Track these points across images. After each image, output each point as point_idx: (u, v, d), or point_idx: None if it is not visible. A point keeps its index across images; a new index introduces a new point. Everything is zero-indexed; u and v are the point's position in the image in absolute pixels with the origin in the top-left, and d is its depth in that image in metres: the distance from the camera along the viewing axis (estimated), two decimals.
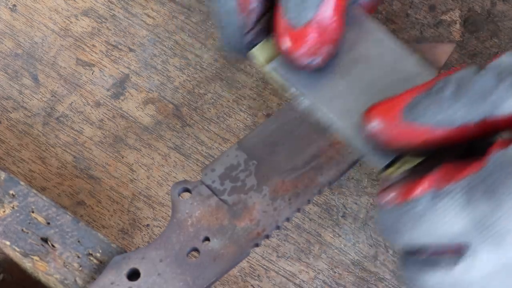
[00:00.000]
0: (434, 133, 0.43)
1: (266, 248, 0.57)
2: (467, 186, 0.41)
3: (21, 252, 0.52)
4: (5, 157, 0.60)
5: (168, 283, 0.50)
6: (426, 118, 0.43)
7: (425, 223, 0.42)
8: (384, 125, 0.44)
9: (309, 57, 0.48)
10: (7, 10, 0.64)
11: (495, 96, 0.42)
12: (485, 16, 0.62)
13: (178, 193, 0.52)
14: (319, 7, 0.48)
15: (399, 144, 0.44)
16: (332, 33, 0.48)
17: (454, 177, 0.42)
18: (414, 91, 0.44)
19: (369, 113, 0.45)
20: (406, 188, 0.43)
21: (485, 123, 0.42)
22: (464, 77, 0.43)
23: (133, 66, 0.62)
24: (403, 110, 0.44)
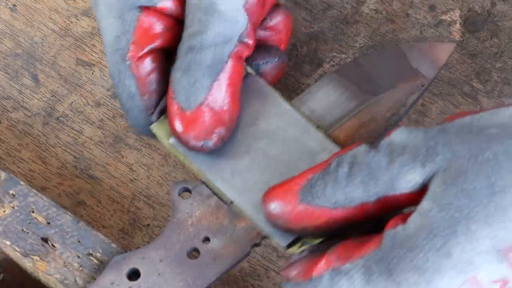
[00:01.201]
0: (332, 214, 0.43)
1: (266, 248, 0.57)
2: (365, 265, 0.41)
3: (21, 252, 0.52)
4: (5, 157, 0.60)
5: (168, 283, 0.50)
6: (322, 199, 0.43)
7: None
8: (282, 208, 0.44)
9: (202, 141, 0.48)
10: (7, 10, 0.64)
11: (388, 176, 0.41)
12: (485, 16, 0.62)
13: (178, 193, 0.52)
14: (210, 90, 0.47)
15: (298, 226, 0.44)
16: (225, 115, 0.48)
17: (352, 256, 0.41)
18: (309, 172, 0.44)
19: (267, 195, 0.45)
20: (308, 265, 0.43)
21: (382, 202, 0.42)
22: (357, 156, 0.43)
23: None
24: (300, 193, 0.43)
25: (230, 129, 0.49)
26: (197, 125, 0.48)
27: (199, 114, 0.48)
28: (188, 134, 0.48)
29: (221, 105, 0.48)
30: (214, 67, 0.48)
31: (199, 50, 0.48)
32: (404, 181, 0.41)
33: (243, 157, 0.49)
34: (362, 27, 0.62)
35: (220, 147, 0.49)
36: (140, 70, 0.49)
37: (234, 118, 0.49)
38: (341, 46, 0.62)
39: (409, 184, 0.41)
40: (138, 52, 0.49)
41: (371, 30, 0.62)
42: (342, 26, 0.62)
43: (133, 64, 0.49)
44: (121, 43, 0.49)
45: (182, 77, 0.48)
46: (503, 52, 0.61)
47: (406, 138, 0.42)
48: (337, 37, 0.62)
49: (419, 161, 0.41)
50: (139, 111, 0.50)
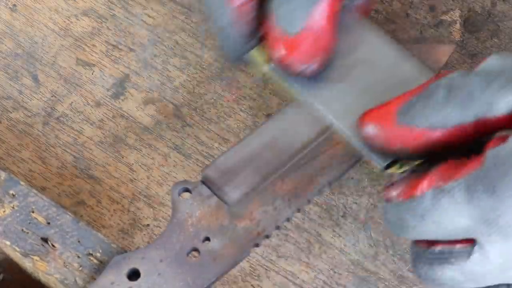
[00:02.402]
0: (429, 135, 0.44)
1: (266, 248, 0.57)
2: (467, 183, 0.42)
3: (21, 252, 0.52)
4: (5, 157, 0.60)
5: (168, 283, 0.50)
6: (420, 120, 0.44)
7: (429, 219, 0.43)
8: (379, 129, 0.45)
9: (303, 65, 0.49)
10: (7, 10, 0.64)
11: (485, 98, 0.42)
12: (485, 16, 0.62)
13: (178, 193, 0.52)
14: (310, 15, 0.48)
15: (395, 147, 0.45)
16: (325, 41, 0.49)
17: (454, 175, 0.42)
18: (407, 95, 0.45)
19: (363, 118, 0.46)
20: (409, 185, 0.44)
21: (479, 123, 0.43)
22: (454, 80, 0.43)
23: (133, 66, 0.62)
24: (397, 114, 0.44)
25: (329, 54, 0.50)
26: (299, 49, 0.48)
27: (301, 39, 0.48)
28: (290, 58, 0.49)
29: (321, 31, 0.48)
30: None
31: None
32: (501, 103, 0.42)
33: (341, 83, 0.50)
34: None
35: (319, 72, 0.50)
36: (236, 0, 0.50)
37: (333, 44, 0.50)
38: None
39: (506, 105, 0.42)
40: None
41: None
42: None
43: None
44: None
45: (281, 5, 0.48)
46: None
47: (502, 63, 0.43)
48: None
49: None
50: (235, 40, 0.51)
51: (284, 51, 0.49)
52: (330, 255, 0.57)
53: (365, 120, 0.46)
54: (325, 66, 0.50)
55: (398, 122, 0.44)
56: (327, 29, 0.49)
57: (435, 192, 0.43)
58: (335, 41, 0.50)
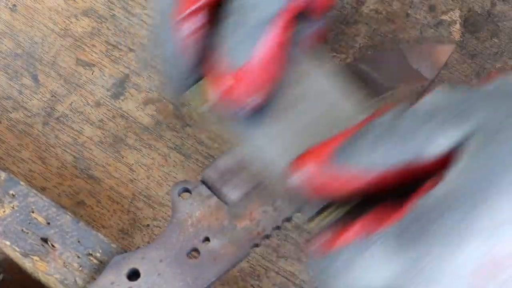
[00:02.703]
0: (363, 177, 0.42)
1: (266, 248, 0.57)
2: (393, 233, 0.40)
3: (21, 252, 0.52)
4: (5, 157, 0.60)
5: (168, 283, 0.50)
6: (357, 161, 0.42)
7: (353, 272, 0.41)
8: (317, 169, 0.43)
9: (245, 101, 0.48)
10: (7, 10, 0.64)
11: (418, 140, 0.41)
12: (485, 16, 0.62)
13: (178, 193, 0.52)
14: (256, 46, 0.47)
15: (331, 189, 0.43)
16: (270, 73, 0.48)
17: (379, 225, 0.41)
18: (343, 135, 0.44)
19: (301, 158, 0.44)
20: (333, 237, 0.43)
21: (412, 166, 0.42)
22: (390, 119, 0.42)
23: (133, 66, 0.62)
24: (334, 154, 0.43)
25: (271, 91, 0.49)
26: (241, 85, 0.48)
27: (244, 74, 0.47)
28: (230, 95, 0.48)
29: (267, 63, 0.48)
30: (260, 27, 0.48)
31: (246, 9, 0.48)
32: (434, 145, 0.41)
33: (279, 123, 0.49)
34: (362, 27, 0.62)
35: (261, 108, 0.49)
36: (185, 29, 0.49)
37: (278, 77, 0.49)
38: (341, 46, 0.62)
39: (438, 148, 0.41)
40: (184, 10, 0.49)
41: (371, 30, 0.62)
42: (342, 26, 0.62)
43: (179, 23, 0.49)
44: (166, 2, 0.49)
45: (228, 36, 0.48)
46: (503, 52, 0.61)
47: (441, 100, 0.42)
48: (337, 37, 0.62)
49: (451, 123, 0.41)
50: (178, 73, 0.50)
51: (229, 83, 0.47)
52: None
53: (302, 160, 0.44)
54: (268, 101, 0.49)
55: (334, 162, 0.43)
56: (273, 60, 0.48)
57: (361, 243, 0.41)
58: (281, 74, 0.49)
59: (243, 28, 0.48)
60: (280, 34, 0.48)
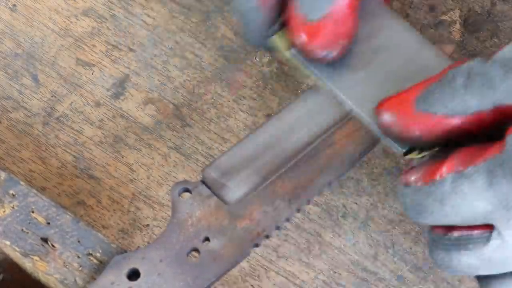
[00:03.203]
0: (447, 122, 0.44)
1: (266, 248, 0.57)
2: (488, 169, 0.42)
3: (21, 252, 0.52)
4: (5, 157, 0.60)
5: (168, 283, 0.50)
6: (438, 107, 0.44)
7: (448, 204, 0.43)
8: (397, 117, 0.45)
9: (324, 51, 0.49)
10: (7, 10, 0.64)
11: (504, 86, 0.42)
12: (485, 16, 0.62)
13: (178, 193, 0.52)
14: (332, 3, 0.48)
15: (414, 135, 0.45)
16: (347, 27, 0.49)
17: (474, 160, 0.42)
18: (426, 82, 0.45)
19: (381, 105, 0.46)
20: (429, 170, 0.44)
21: (498, 111, 0.43)
22: (473, 67, 0.43)
23: (133, 66, 0.62)
24: (415, 101, 0.45)
25: (350, 41, 0.50)
26: (320, 36, 0.49)
27: (322, 25, 0.49)
28: (311, 44, 0.49)
29: (343, 18, 0.49)
30: None
31: None
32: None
33: (362, 70, 0.51)
34: None
35: (340, 58, 0.50)
36: None
37: (354, 31, 0.50)
38: None
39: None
40: None
41: None
42: None
43: None
44: None
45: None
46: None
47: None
48: None
49: None
50: (259, 24, 0.51)
51: (305, 38, 0.49)
52: (330, 255, 0.57)
53: (383, 107, 0.46)
54: (346, 53, 0.50)
55: (416, 109, 0.44)
56: (348, 16, 0.49)
57: (455, 177, 0.43)
58: (356, 28, 0.50)
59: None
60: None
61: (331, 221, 0.58)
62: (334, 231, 0.58)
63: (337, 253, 0.58)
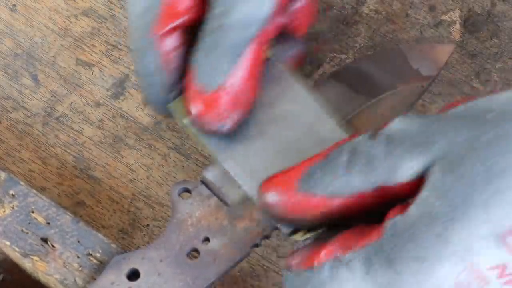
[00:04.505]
0: (330, 203, 0.42)
1: (266, 248, 0.57)
2: (365, 256, 0.40)
3: (21, 252, 0.52)
4: (5, 157, 0.60)
5: (168, 283, 0.50)
6: (320, 188, 0.42)
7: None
8: (279, 197, 0.44)
9: (219, 123, 0.48)
10: (7, 10, 0.64)
11: (386, 165, 0.41)
12: (485, 16, 0.62)
13: (178, 193, 0.52)
14: (231, 72, 0.47)
15: (296, 216, 0.44)
16: (244, 98, 0.48)
17: (354, 245, 0.41)
18: (310, 161, 0.43)
19: (264, 185, 0.45)
20: (309, 254, 0.43)
21: (380, 191, 0.42)
22: (357, 145, 0.42)
23: (133, 66, 0.62)
24: (298, 181, 0.43)
25: (246, 112, 0.49)
26: (214, 108, 0.48)
27: (217, 97, 0.47)
28: (204, 117, 0.48)
29: (240, 89, 0.48)
30: (235, 50, 0.47)
31: (222, 32, 0.48)
32: (402, 171, 0.41)
33: (256, 141, 0.49)
34: (362, 28, 0.62)
35: (234, 129, 0.49)
36: (163, 46, 0.49)
37: (251, 102, 0.49)
38: (341, 46, 0.62)
39: (407, 174, 0.41)
40: (162, 28, 0.49)
41: (371, 31, 0.62)
42: (342, 26, 0.62)
43: (157, 40, 0.49)
44: (146, 19, 0.49)
45: (202, 58, 0.48)
46: (503, 52, 0.61)
47: (404, 127, 0.42)
48: (337, 37, 0.62)
49: (417, 150, 0.41)
50: (158, 88, 0.50)
51: (198, 109, 0.48)
52: None
53: (266, 187, 0.44)
54: (243, 122, 0.49)
55: (298, 190, 0.43)
56: (246, 87, 0.48)
57: (334, 264, 0.41)
58: (255, 98, 0.49)
59: (218, 51, 0.47)
60: (254, 58, 0.48)
61: None
62: None
63: None
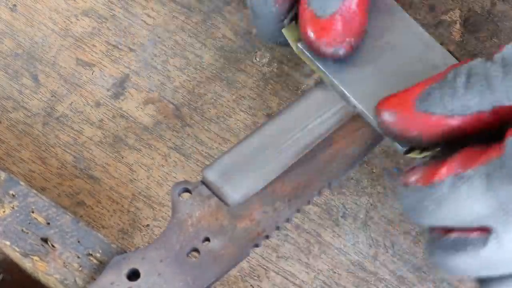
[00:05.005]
0: (447, 122, 0.44)
1: (266, 248, 0.57)
2: (487, 172, 0.42)
3: (21, 252, 0.52)
4: (5, 157, 0.60)
5: (168, 283, 0.50)
6: (438, 107, 0.44)
7: (447, 206, 0.43)
8: (397, 116, 0.45)
9: (332, 48, 0.49)
10: (7, 10, 0.64)
11: (503, 87, 0.42)
12: (485, 16, 0.62)
13: (178, 193, 0.52)
14: (343, 0, 0.49)
15: (413, 134, 0.45)
16: (356, 25, 0.49)
17: (474, 163, 0.42)
18: (427, 82, 0.45)
19: (382, 104, 0.46)
20: (429, 170, 0.44)
21: (498, 111, 0.43)
22: (474, 68, 0.44)
23: (133, 66, 0.62)
24: (416, 101, 0.45)
25: (359, 38, 0.50)
26: (329, 32, 0.49)
27: (332, 22, 0.49)
28: (320, 41, 0.49)
29: (352, 15, 0.49)
30: None
31: None
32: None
33: (368, 67, 0.51)
34: None
35: (348, 55, 0.50)
36: None
37: (363, 28, 0.50)
38: None
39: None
40: None
41: None
42: None
43: None
44: None
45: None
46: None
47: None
48: None
49: None
50: (271, 17, 0.52)
51: (314, 34, 0.49)
52: (330, 256, 0.57)
53: (383, 106, 0.46)
54: (355, 50, 0.50)
55: (416, 109, 0.45)
56: (358, 14, 0.49)
57: (454, 179, 0.43)
58: (365, 26, 0.50)
59: None
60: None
61: (331, 221, 0.58)
62: (334, 231, 0.58)
63: (337, 253, 0.58)
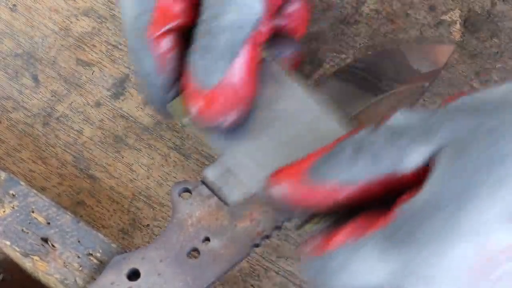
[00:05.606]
0: (338, 192, 0.43)
1: (266, 248, 0.57)
2: (378, 240, 0.41)
3: (21, 252, 0.52)
4: (5, 157, 0.60)
5: (168, 283, 0.50)
6: (329, 178, 0.43)
7: (345, 274, 0.42)
8: (290, 188, 0.44)
9: (217, 120, 0.49)
10: (7, 10, 0.64)
11: (391, 155, 0.42)
12: (485, 16, 0.62)
13: (179, 193, 0.52)
14: (227, 71, 0.48)
15: (306, 206, 0.44)
16: (243, 94, 0.49)
17: (365, 231, 0.42)
18: (317, 153, 0.44)
19: (273, 177, 0.45)
20: (322, 241, 0.43)
21: (388, 180, 0.43)
22: (362, 138, 0.43)
23: (133, 66, 0.62)
24: (307, 172, 0.44)
25: (245, 110, 0.49)
26: (213, 105, 0.48)
27: (215, 94, 0.48)
28: (204, 113, 0.49)
29: (237, 87, 0.48)
30: (230, 50, 0.48)
31: (216, 34, 0.48)
32: (408, 159, 0.42)
33: (257, 139, 0.50)
34: (362, 27, 0.62)
35: (234, 127, 0.50)
36: (158, 48, 0.50)
37: (250, 100, 0.49)
38: (341, 46, 0.62)
39: (413, 162, 0.42)
40: (156, 31, 0.50)
41: (371, 30, 0.62)
42: (342, 26, 0.62)
43: (152, 43, 0.50)
44: (140, 22, 0.50)
45: (199, 59, 0.49)
46: (503, 52, 0.61)
47: (406, 119, 0.43)
48: (337, 37, 0.62)
49: (421, 139, 0.42)
50: (156, 90, 0.51)
51: (198, 107, 0.48)
52: None
53: (275, 179, 0.45)
54: (243, 120, 0.49)
55: (307, 181, 0.44)
56: (246, 82, 0.48)
57: (347, 249, 0.42)
58: (254, 94, 0.50)
59: (213, 51, 0.48)
60: (249, 58, 0.49)
61: None
62: None
63: None
